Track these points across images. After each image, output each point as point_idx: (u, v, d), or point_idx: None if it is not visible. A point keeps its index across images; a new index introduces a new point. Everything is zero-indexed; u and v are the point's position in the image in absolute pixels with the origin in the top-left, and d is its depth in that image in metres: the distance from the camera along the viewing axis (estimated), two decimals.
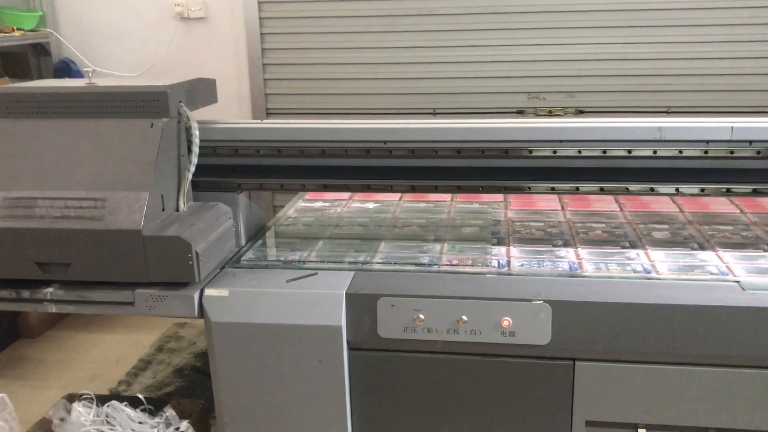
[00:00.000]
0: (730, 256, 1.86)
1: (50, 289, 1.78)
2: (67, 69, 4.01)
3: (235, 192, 2.02)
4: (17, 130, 1.83)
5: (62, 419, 2.24)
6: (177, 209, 1.85)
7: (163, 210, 1.77)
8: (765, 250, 1.90)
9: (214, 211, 1.89)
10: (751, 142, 1.78)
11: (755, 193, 1.83)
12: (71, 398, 2.33)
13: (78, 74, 4.03)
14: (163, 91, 1.79)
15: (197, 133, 1.86)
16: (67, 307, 1.82)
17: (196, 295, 1.74)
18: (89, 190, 1.73)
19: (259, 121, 2.04)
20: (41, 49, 4.02)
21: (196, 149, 1.87)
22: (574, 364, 1.69)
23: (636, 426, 1.73)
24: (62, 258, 1.72)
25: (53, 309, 1.83)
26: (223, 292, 1.76)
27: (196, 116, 1.89)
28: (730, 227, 2.10)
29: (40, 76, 4.01)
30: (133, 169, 1.73)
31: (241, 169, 2.00)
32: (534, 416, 1.75)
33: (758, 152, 1.79)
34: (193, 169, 1.87)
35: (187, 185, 1.87)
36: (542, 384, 1.72)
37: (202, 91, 2.01)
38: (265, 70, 3.92)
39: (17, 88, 1.90)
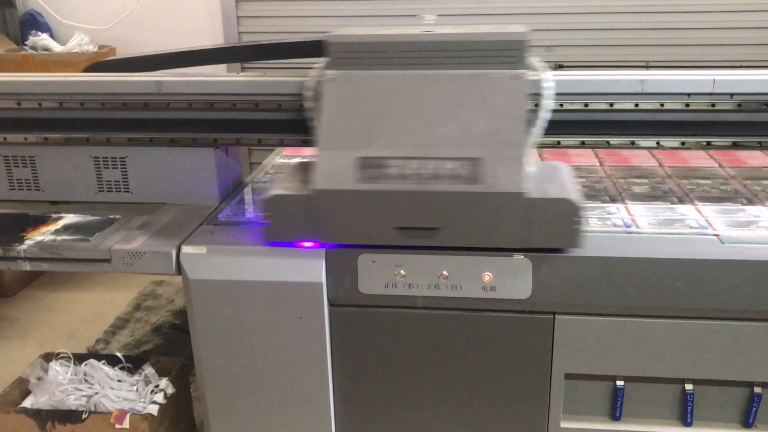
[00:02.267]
0: (709, 209, 1.87)
1: (24, 247, 1.74)
2: (33, 21, 3.88)
3: (211, 147, 1.98)
4: (357, 83, 1.69)
5: (39, 378, 2.22)
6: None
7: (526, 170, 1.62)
8: (743, 204, 1.91)
9: (561, 170, 1.76)
10: (732, 94, 1.77)
11: (735, 146, 1.83)
12: (48, 357, 2.31)
13: (45, 26, 3.91)
14: (521, 39, 1.64)
15: (550, 85, 1.70)
16: (41, 265, 1.79)
17: (174, 252, 1.72)
18: (459, 148, 1.58)
19: (235, 74, 1.98)
20: (6, 1, 3.88)
21: (548, 103, 1.70)
22: (554, 317, 1.70)
23: (615, 378, 1.76)
24: (430, 222, 1.59)
25: (27, 267, 1.80)
26: (201, 249, 1.73)
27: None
28: (710, 181, 2.11)
29: (6, 29, 3.89)
30: (504, 126, 1.59)
31: (217, 124, 1.96)
32: (514, 370, 1.76)
33: (739, 105, 1.78)
34: (543, 125, 1.70)
35: (535, 143, 1.72)
36: (522, 338, 1.73)
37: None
38: (239, 22, 3.83)
39: (354, 37, 1.72)
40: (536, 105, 1.71)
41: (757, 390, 1.73)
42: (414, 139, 1.62)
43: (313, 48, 1.87)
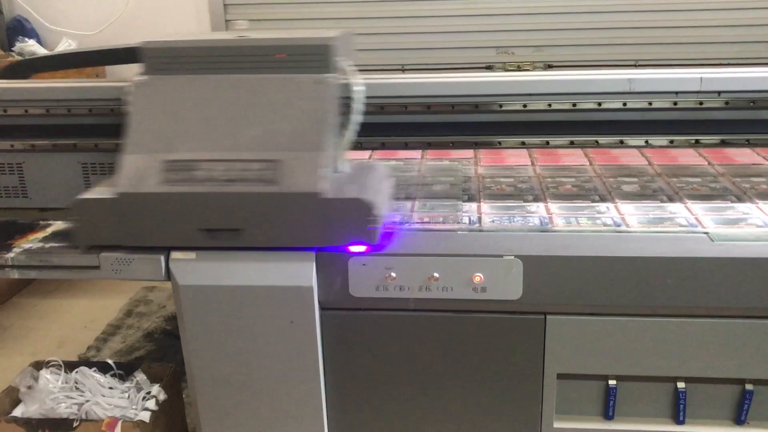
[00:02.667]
0: (698, 207, 1.87)
1: (12, 254, 1.73)
2: (20, 27, 3.86)
3: None
4: (166, 87, 1.71)
5: (29, 387, 2.20)
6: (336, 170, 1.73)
7: (334, 171, 1.67)
8: (733, 202, 1.92)
9: (376, 170, 1.79)
10: (719, 92, 1.78)
11: (723, 143, 1.84)
12: (38, 365, 2.29)
13: (32, 32, 3.89)
14: (327, 44, 1.68)
15: (360, 89, 1.72)
16: (29, 273, 1.78)
17: (163, 258, 1.71)
18: (260, 151, 1.62)
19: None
20: None
21: (359, 107, 1.73)
22: (545, 318, 1.70)
23: (607, 377, 1.76)
24: (231, 224, 1.63)
25: (15, 275, 1.78)
26: (190, 255, 1.72)
27: None
28: (699, 179, 2.11)
29: None
30: (305, 128, 1.63)
31: None
32: (506, 370, 1.76)
33: (726, 102, 1.79)
34: (354, 128, 1.74)
35: (347, 145, 1.75)
36: (514, 338, 1.73)
37: (347, 45, 1.87)
38: (228, 27, 3.82)
39: (165, 42, 1.76)
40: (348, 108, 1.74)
41: (749, 387, 1.73)
42: (219, 142, 1.65)
43: (130, 54, 1.89)
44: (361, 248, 1.65)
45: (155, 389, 2.17)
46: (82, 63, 2.18)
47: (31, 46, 3.76)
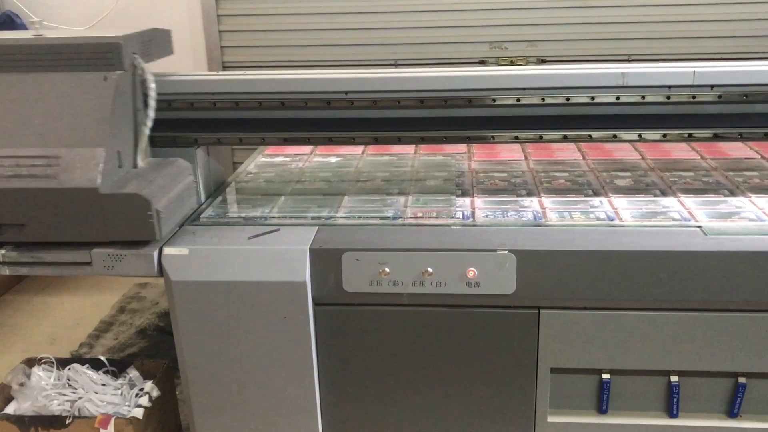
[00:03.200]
0: (691, 201, 1.88)
1: (2, 251, 1.71)
2: (10, 22, 3.83)
3: (192, 147, 1.96)
4: None
5: (22, 384, 2.19)
6: (135, 166, 1.78)
7: (120, 167, 1.71)
8: (725, 195, 1.92)
9: (173, 167, 1.83)
10: (712, 86, 1.78)
11: (716, 137, 1.84)
12: (30, 362, 2.28)
13: (22, 27, 3.85)
14: (115, 42, 1.71)
15: (153, 86, 1.79)
16: (21, 269, 1.76)
17: (155, 254, 1.70)
18: (42, 147, 1.65)
19: (215, 72, 1.97)
20: None
21: (152, 103, 1.80)
22: (539, 312, 1.70)
23: (600, 372, 1.76)
24: (15, 219, 1.65)
25: (6, 271, 1.77)
26: (183, 251, 1.71)
27: (152, 68, 1.82)
28: (692, 173, 2.11)
29: None
30: (87, 124, 1.66)
31: (198, 124, 1.94)
32: (500, 365, 1.76)
33: (719, 96, 1.79)
34: (150, 123, 1.80)
35: (144, 141, 1.81)
36: (508, 333, 1.73)
37: (157, 42, 1.93)
38: (220, 21, 3.80)
39: None
40: (146, 104, 1.80)
41: (742, 380, 1.74)
42: (2, 139, 1.67)
43: None
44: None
45: (148, 386, 2.17)
46: None
47: None
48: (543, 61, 3.62)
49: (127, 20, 3.81)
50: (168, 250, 1.72)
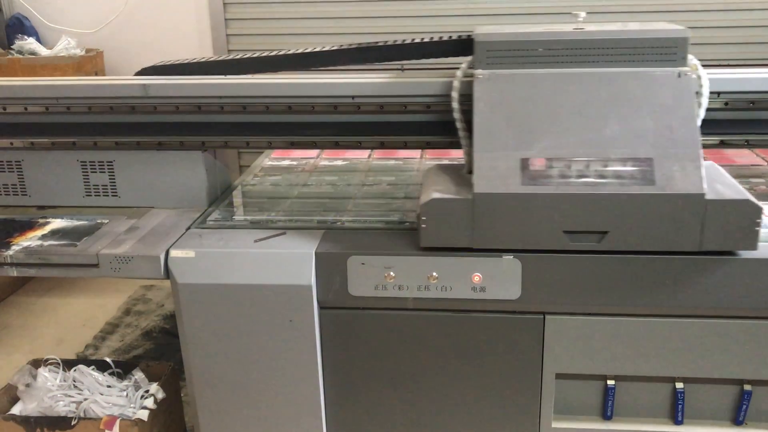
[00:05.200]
0: None
1: (10, 252, 1.73)
2: (19, 25, 3.86)
3: (199, 150, 1.97)
4: (511, 82, 1.64)
5: (28, 385, 2.20)
6: None
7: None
8: None
9: (717, 169, 1.72)
10: (719, 93, 1.78)
11: (723, 144, 1.84)
12: (36, 364, 2.29)
13: (32, 29, 3.88)
14: (683, 36, 1.62)
15: (707, 83, 1.67)
16: (28, 271, 1.78)
17: (162, 256, 1.71)
18: (629, 148, 1.54)
19: (223, 76, 1.97)
20: None
21: (705, 102, 1.68)
22: (544, 318, 1.70)
23: (605, 377, 1.76)
24: (600, 226, 1.55)
25: (14, 272, 1.78)
26: (189, 253, 1.72)
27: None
28: None
29: None
30: (674, 125, 1.55)
31: (206, 127, 1.95)
32: (505, 370, 1.76)
33: (726, 103, 1.79)
34: (699, 123, 1.65)
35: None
36: (513, 338, 1.73)
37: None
38: (228, 25, 3.82)
39: (503, 35, 1.68)
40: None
41: (747, 387, 1.73)
42: (578, 140, 1.58)
43: (455, 46, 1.83)
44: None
45: (153, 388, 2.17)
46: (402, 56, 1.93)
47: (30, 44, 3.75)
48: None
49: (135, 24, 3.83)
50: (174, 253, 1.72)
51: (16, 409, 2.19)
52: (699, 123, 1.64)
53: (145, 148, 1.97)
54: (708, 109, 1.78)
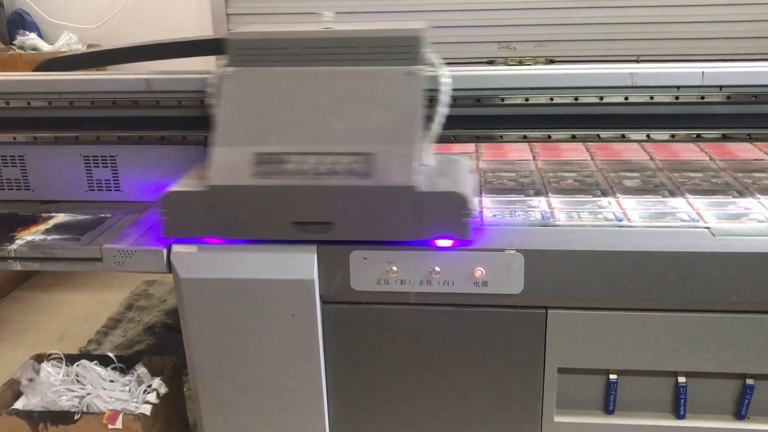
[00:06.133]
0: (700, 202, 1.87)
1: (14, 246, 1.73)
2: (21, 20, 3.86)
3: (202, 145, 1.97)
4: (254, 79, 1.71)
5: (31, 380, 2.21)
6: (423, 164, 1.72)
7: (421, 165, 1.65)
8: (734, 196, 1.92)
9: (459, 163, 1.79)
10: (721, 87, 1.78)
11: (725, 138, 1.84)
12: (39, 358, 2.30)
13: (33, 25, 3.88)
14: (416, 36, 1.67)
15: (447, 81, 1.72)
16: (32, 265, 1.78)
17: (165, 251, 1.71)
18: (353, 144, 1.61)
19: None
20: None
21: (445, 99, 1.72)
22: (546, 312, 1.70)
23: (608, 372, 1.76)
24: (325, 217, 1.63)
25: (18, 267, 1.78)
26: (192, 248, 1.72)
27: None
28: (700, 174, 2.11)
29: None
30: (397, 121, 1.62)
31: (208, 121, 1.94)
32: (507, 364, 1.76)
33: (728, 97, 1.79)
34: (441, 120, 1.73)
35: (434, 138, 1.74)
36: (515, 332, 1.73)
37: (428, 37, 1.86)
38: (230, 20, 3.82)
39: (253, 34, 1.76)
40: (433, 101, 1.73)
41: (750, 382, 1.73)
42: (309, 135, 1.64)
43: (213, 46, 1.88)
44: (448, 243, 1.64)
45: (156, 382, 2.18)
46: (160, 55, 2.10)
47: (32, 40, 3.75)
48: (551, 61, 3.62)
49: (136, 20, 3.83)
50: (177, 247, 1.72)
51: (20, 404, 2.20)
52: (439, 120, 1.71)
53: (147, 143, 1.97)
54: (710, 103, 1.79)
